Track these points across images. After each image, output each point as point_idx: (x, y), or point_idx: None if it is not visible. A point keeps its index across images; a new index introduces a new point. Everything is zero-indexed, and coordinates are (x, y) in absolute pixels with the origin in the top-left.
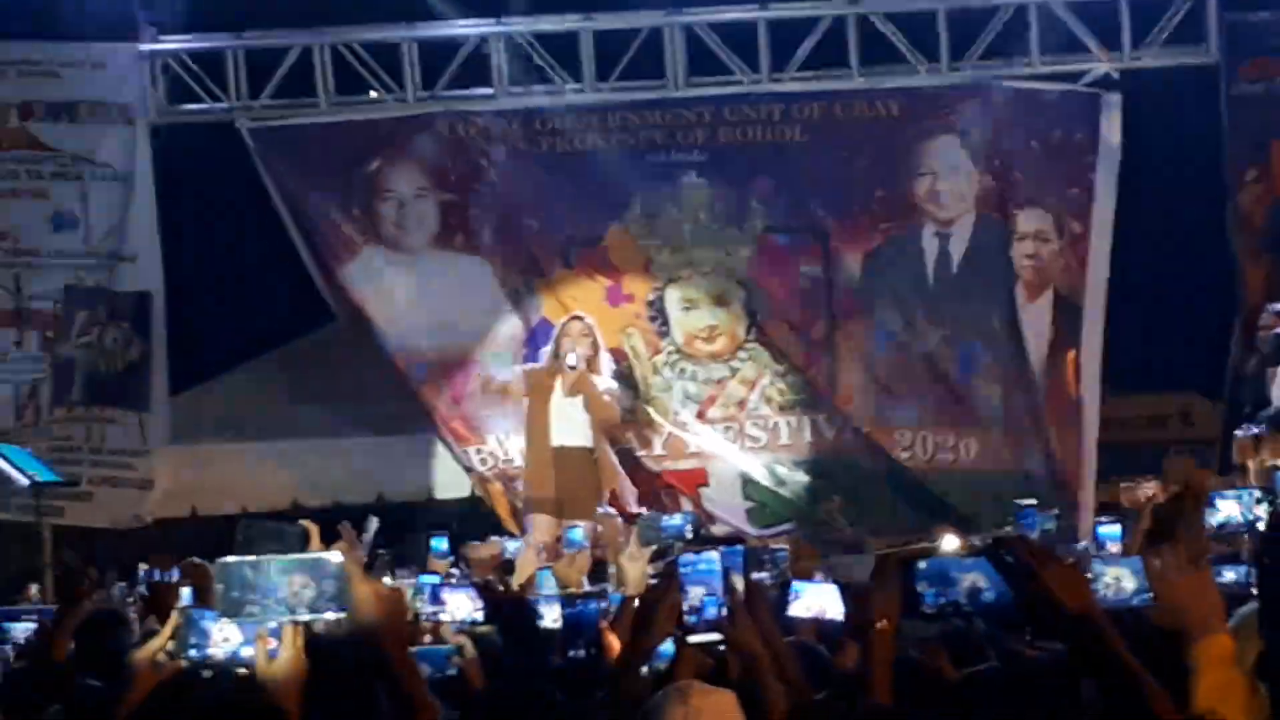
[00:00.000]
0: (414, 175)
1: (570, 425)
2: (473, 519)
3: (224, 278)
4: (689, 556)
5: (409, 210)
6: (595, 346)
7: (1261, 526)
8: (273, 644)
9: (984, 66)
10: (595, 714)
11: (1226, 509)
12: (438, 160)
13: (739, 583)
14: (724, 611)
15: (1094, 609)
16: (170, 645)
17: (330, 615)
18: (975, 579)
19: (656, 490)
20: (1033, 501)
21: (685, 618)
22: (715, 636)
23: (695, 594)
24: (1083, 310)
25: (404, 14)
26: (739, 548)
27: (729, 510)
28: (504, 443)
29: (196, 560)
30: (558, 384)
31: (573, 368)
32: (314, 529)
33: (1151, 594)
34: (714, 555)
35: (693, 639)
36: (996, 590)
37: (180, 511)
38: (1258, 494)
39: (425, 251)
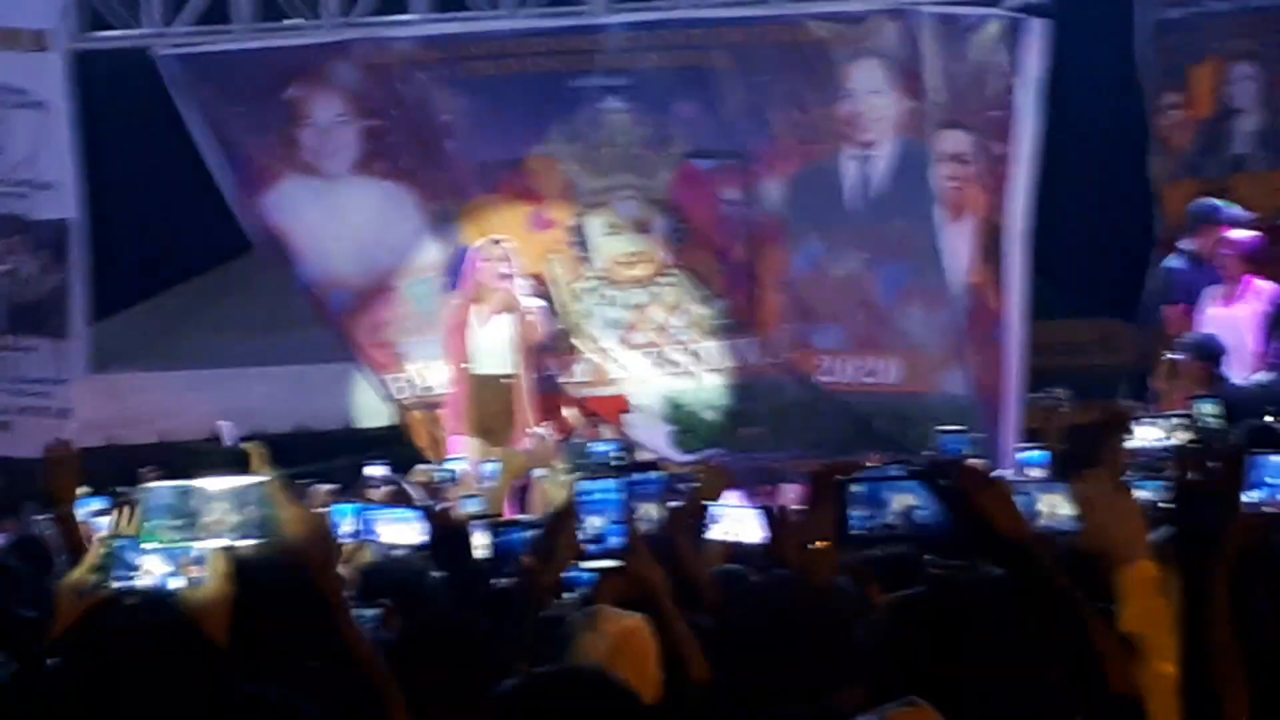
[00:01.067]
0: (333, 102)
1: (490, 354)
2: (393, 447)
3: (143, 206)
4: (587, 484)
5: (328, 137)
6: (512, 270)
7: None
8: (197, 571)
9: None
10: (516, 643)
11: (1146, 434)
12: (357, 87)
13: (653, 511)
14: (625, 540)
15: (1030, 533)
16: (95, 576)
17: (254, 540)
18: (908, 500)
19: (580, 417)
20: (956, 427)
21: (585, 546)
22: (613, 564)
23: (594, 523)
24: (1003, 233)
25: None
26: (653, 474)
27: (652, 436)
28: (424, 371)
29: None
30: (472, 311)
31: (505, 277)
32: (256, 452)
33: (1078, 519)
34: (612, 482)
35: (589, 566)
36: (930, 512)
37: (99, 441)
38: (1175, 420)
39: (345, 178)
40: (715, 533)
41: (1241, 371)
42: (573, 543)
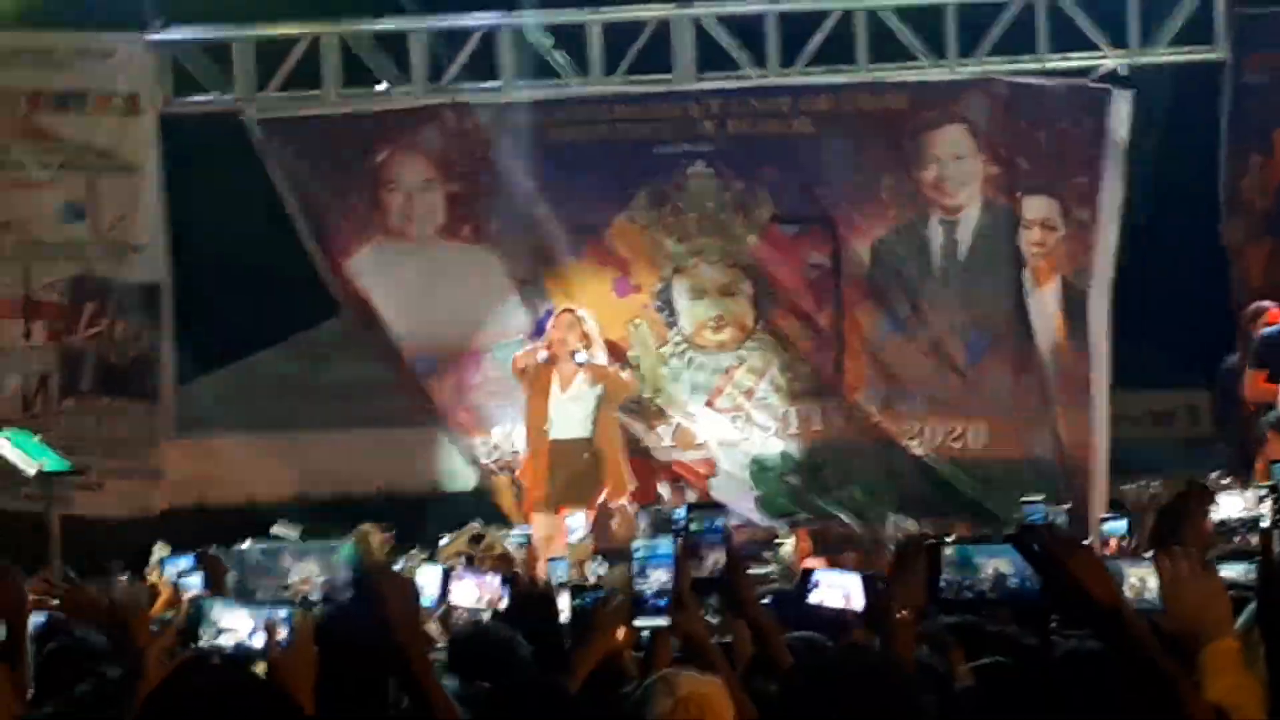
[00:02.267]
0: (420, 166)
1: (568, 419)
2: (479, 511)
3: (231, 269)
4: (642, 542)
5: (415, 201)
6: (587, 337)
7: (1265, 523)
8: (283, 633)
9: (991, 61)
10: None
11: (1228, 505)
12: (444, 151)
13: (718, 557)
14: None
15: (1121, 600)
16: (182, 636)
17: (339, 601)
18: (999, 565)
19: (665, 481)
20: (1040, 496)
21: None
22: (660, 621)
23: (656, 579)
24: (1089, 298)
25: (412, 6)
26: (718, 520)
27: (738, 500)
28: (510, 434)
29: (210, 550)
30: (555, 377)
31: (581, 364)
32: (375, 533)
33: (1162, 598)
34: (668, 540)
35: (637, 622)
36: (1020, 578)
37: (188, 501)
38: (1262, 491)
39: (432, 243)
40: (815, 598)
41: None
42: (619, 616)
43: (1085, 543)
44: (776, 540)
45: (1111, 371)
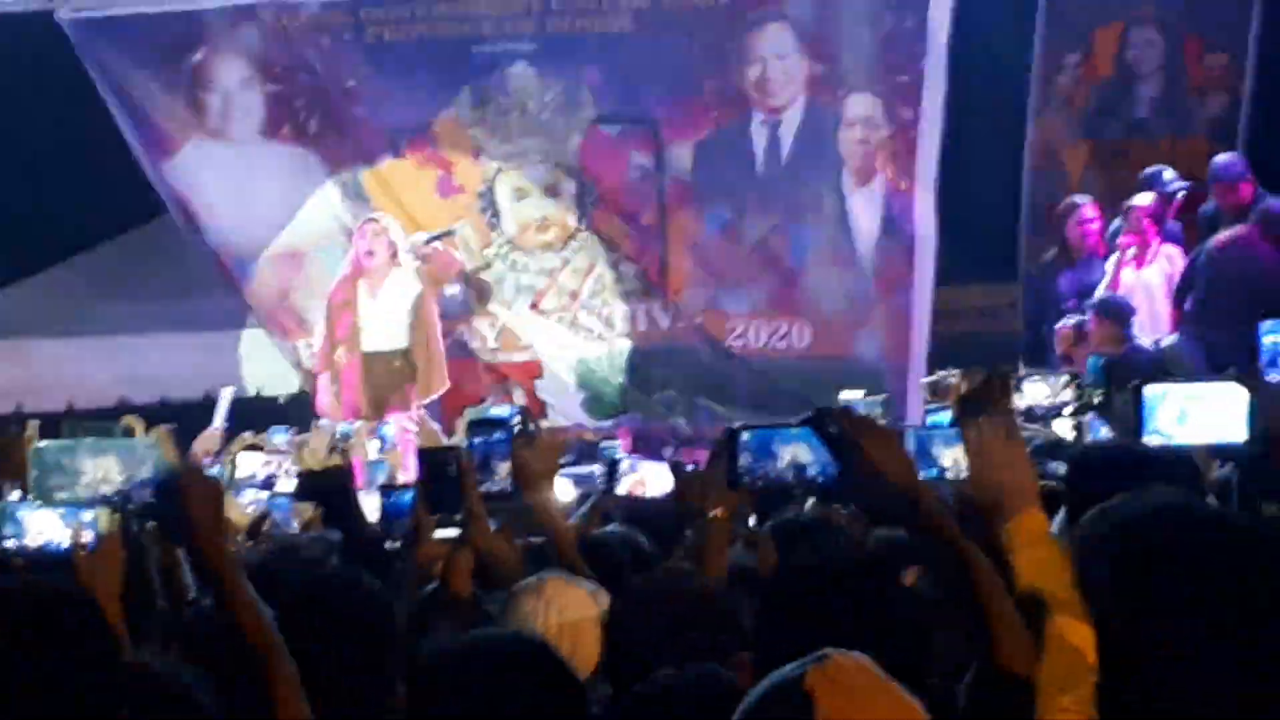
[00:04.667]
0: (239, 66)
1: (380, 329)
2: (302, 415)
3: (50, 171)
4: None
5: (234, 101)
6: (392, 245)
7: (1068, 411)
8: (88, 535)
9: None
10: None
11: (1033, 392)
12: (262, 51)
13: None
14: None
15: (918, 481)
16: None
17: (141, 498)
18: (797, 453)
19: (491, 382)
20: (859, 393)
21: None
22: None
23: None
24: (914, 195)
25: None
26: (499, 434)
27: (565, 401)
28: None
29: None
30: (363, 287)
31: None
32: (139, 425)
33: (966, 468)
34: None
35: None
36: (820, 465)
37: (8, 408)
38: (1065, 377)
39: (251, 143)
40: (624, 486)
41: (1151, 334)
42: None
43: (880, 422)
44: (603, 441)
45: (937, 267)
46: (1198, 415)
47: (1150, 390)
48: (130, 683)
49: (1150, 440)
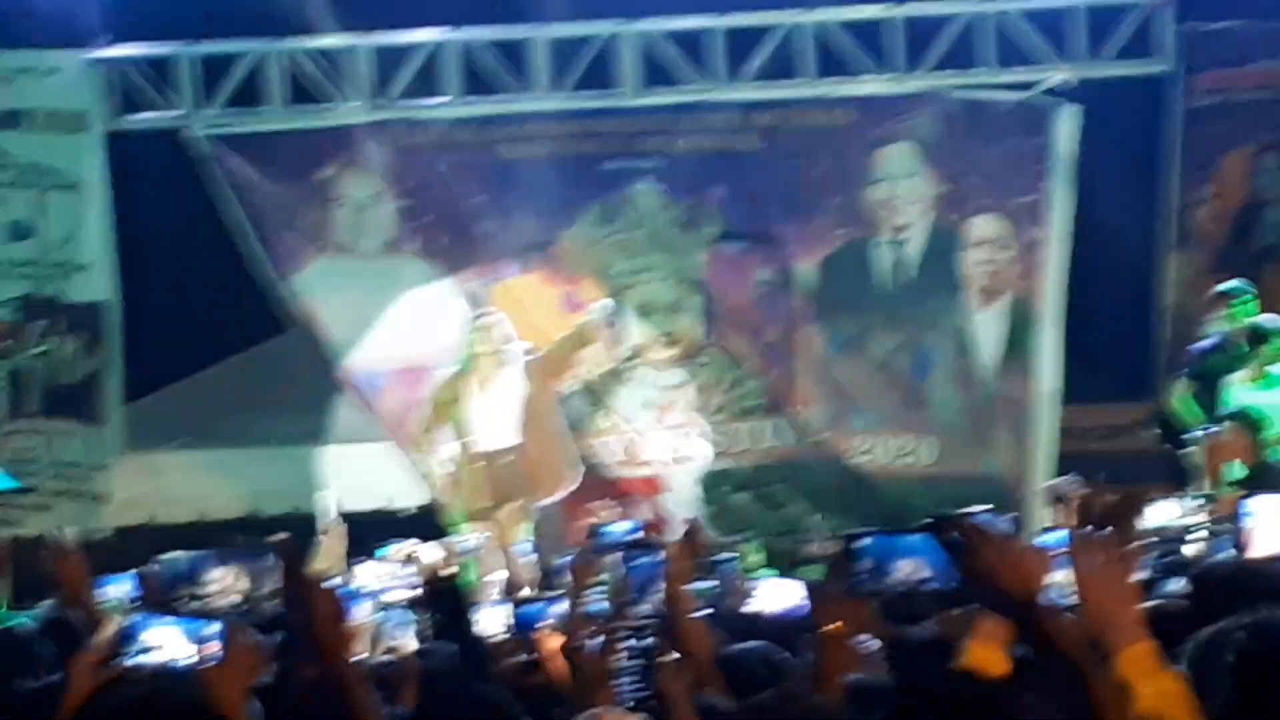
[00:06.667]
0: (367, 182)
1: (493, 425)
2: (430, 528)
3: (178, 286)
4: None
5: (362, 217)
6: (505, 339)
7: (1203, 534)
8: (215, 647)
9: (938, 76)
10: None
11: (1165, 513)
12: (391, 167)
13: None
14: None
15: (1038, 594)
16: (108, 652)
17: (265, 609)
18: (917, 566)
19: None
20: (987, 506)
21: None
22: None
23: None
24: (1038, 317)
25: (358, 23)
26: (647, 558)
27: (689, 516)
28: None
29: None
30: (474, 384)
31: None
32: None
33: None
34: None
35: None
36: (940, 579)
37: (138, 520)
38: (1201, 499)
39: (379, 258)
40: (755, 605)
41: None
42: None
43: (1001, 533)
44: (725, 556)
45: (1062, 387)
46: None
47: None
48: None
49: None
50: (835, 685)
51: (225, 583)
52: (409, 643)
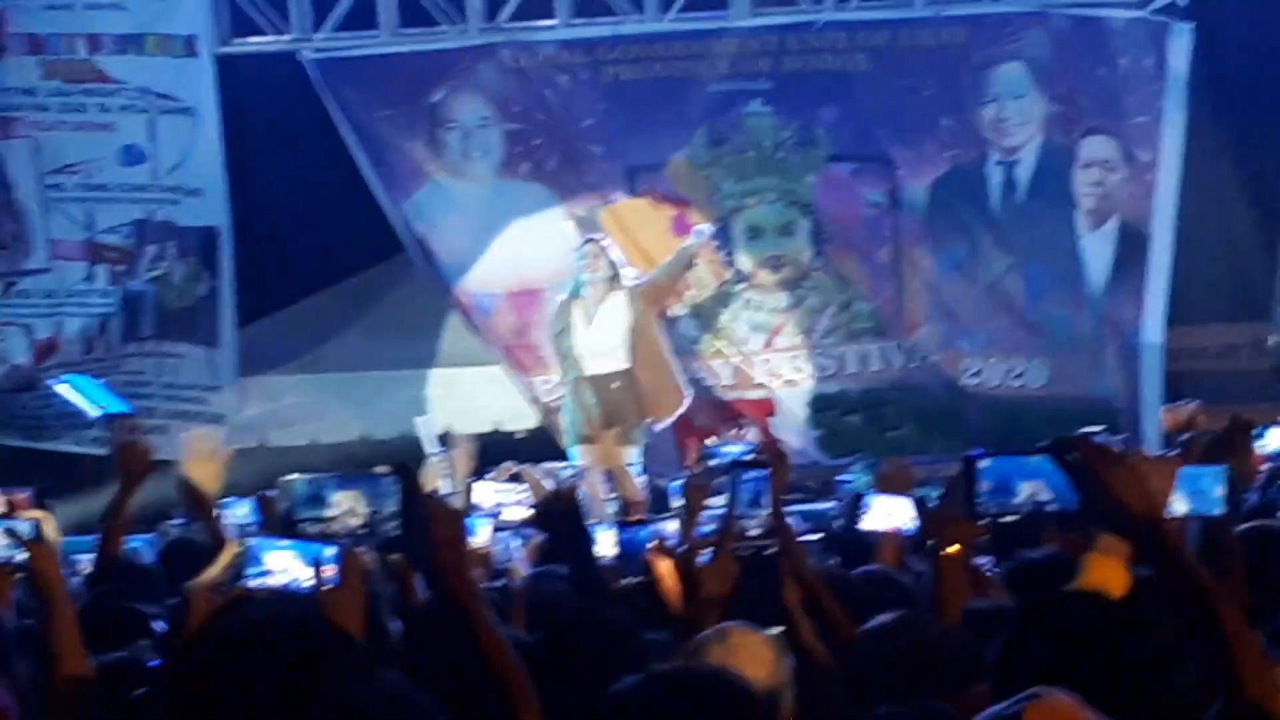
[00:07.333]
0: (478, 105)
1: (598, 351)
2: (542, 450)
3: (290, 211)
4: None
5: (473, 140)
6: (612, 267)
7: None
8: (331, 571)
9: None
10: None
11: (1275, 440)
12: (501, 90)
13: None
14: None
15: (1160, 511)
16: (228, 575)
17: (386, 532)
18: (1037, 488)
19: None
20: (1101, 427)
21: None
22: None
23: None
24: (1149, 239)
25: None
26: (754, 473)
27: (799, 439)
28: None
29: (267, 493)
30: (576, 312)
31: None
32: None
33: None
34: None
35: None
36: (1060, 500)
37: (251, 443)
38: None
39: (490, 180)
40: (867, 522)
41: None
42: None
43: (1122, 453)
44: (839, 478)
45: (1173, 306)
46: None
47: None
48: (378, 708)
49: None
50: (955, 609)
51: (346, 506)
52: (522, 565)
